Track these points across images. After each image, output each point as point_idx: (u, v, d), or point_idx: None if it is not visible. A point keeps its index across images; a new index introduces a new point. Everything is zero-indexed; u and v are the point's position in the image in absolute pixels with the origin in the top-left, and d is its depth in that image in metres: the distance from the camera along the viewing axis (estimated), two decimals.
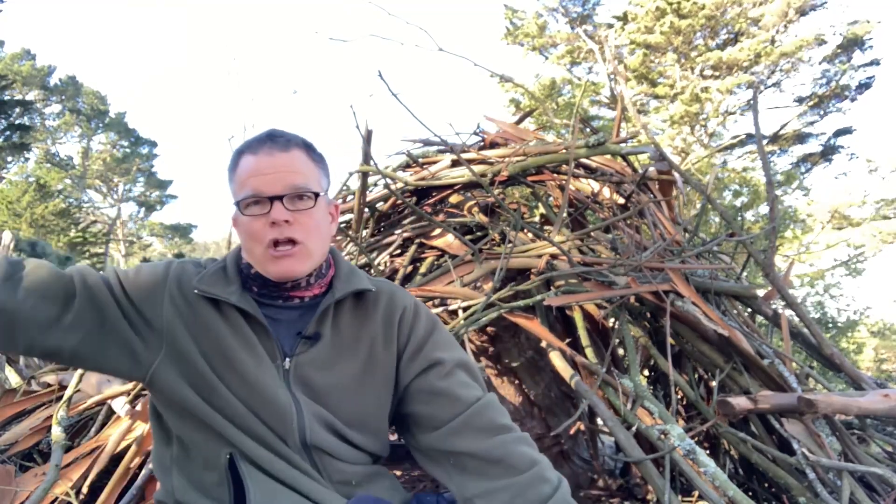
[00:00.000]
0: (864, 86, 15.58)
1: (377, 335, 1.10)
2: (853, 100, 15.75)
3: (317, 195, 1.03)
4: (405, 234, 2.69)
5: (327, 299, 1.07)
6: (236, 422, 0.99)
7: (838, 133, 16.31)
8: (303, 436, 1.02)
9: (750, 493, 2.15)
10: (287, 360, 1.04)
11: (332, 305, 1.08)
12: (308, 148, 1.07)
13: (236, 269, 1.09)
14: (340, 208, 2.49)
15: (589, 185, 3.00)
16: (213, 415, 1.00)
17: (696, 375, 2.45)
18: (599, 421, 2.71)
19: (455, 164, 2.88)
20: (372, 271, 2.55)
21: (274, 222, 0.99)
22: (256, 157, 1.02)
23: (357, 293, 1.11)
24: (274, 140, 1.03)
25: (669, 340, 2.07)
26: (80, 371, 2.18)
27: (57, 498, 1.82)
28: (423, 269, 2.58)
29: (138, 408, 2.13)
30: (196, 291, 1.03)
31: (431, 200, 2.86)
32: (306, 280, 1.07)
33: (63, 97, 26.65)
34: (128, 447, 2.01)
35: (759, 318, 2.74)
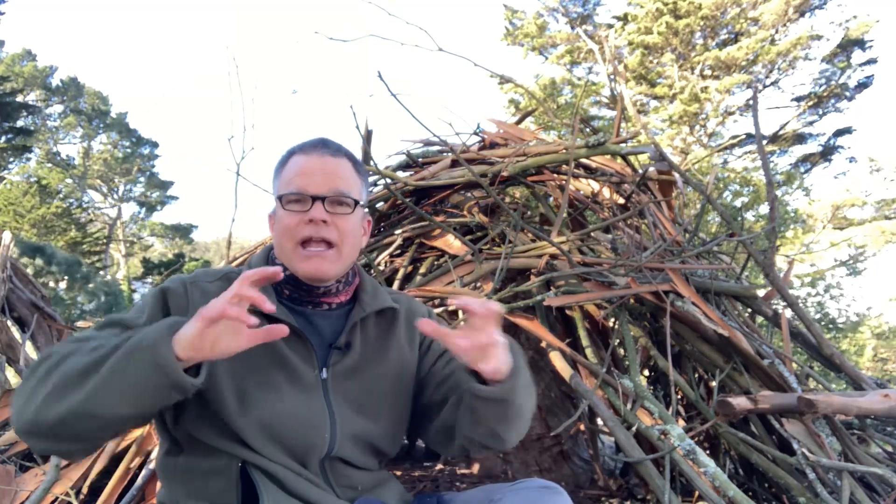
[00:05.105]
0: (862, 85, 15.58)
1: (402, 341, 1.15)
2: (850, 99, 15.75)
3: (356, 203, 1.07)
4: (405, 235, 2.68)
5: (357, 312, 1.10)
6: (253, 442, 0.98)
7: (838, 133, 16.31)
8: (330, 450, 1.03)
9: (750, 493, 2.15)
10: (324, 369, 1.06)
11: (359, 318, 1.11)
12: (354, 160, 1.12)
13: None
14: None
15: (589, 185, 3.00)
16: (227, 434, 0.98)
17: (696, 375, 2.45)
18: (599, 421, 2.71)
19: (455, 164, 2.88)
20: (372, 271, 2.55)
21: (311, 220, 1.02)
22: (307, 157, 1.07)
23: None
24: (326, 145, 1.09)
25: (669, 340, 2.06)
26: None
27: (57, 498, 1.83)
28: (423, 270, 2.58)
29: None
30: None
31: (431, 200, 2.86)
32: (336, 286, 1.09)
33: (64, 98, 26.63)
34: (128, 447, 2.01)
35: (759, 318, 2.74)
